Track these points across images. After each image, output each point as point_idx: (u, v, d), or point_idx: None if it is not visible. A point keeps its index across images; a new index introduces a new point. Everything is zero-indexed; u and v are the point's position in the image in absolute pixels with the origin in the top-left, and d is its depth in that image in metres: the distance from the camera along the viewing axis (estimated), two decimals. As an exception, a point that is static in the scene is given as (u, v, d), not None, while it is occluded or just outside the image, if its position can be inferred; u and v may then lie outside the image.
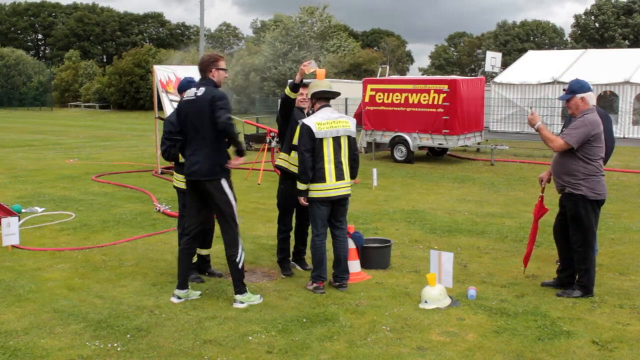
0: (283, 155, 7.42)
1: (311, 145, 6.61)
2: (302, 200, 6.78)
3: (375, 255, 7.57)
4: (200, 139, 6.19)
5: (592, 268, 6.55)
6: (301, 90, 7.65)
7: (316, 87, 6.85)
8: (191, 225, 6.47)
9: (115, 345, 5.34)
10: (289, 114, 7.27)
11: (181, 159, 6.89)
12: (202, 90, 6.28)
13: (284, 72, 53.22)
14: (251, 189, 13.74)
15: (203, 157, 6.19)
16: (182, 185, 7.06)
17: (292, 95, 7.07)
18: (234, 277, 6.35)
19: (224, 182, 6.28)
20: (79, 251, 8.32)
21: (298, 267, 7.68)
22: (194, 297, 6.50)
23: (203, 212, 6.50)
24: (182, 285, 6.46)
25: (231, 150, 6.43)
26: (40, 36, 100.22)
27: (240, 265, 6.33)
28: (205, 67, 6.43)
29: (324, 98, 6.85)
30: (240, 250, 6.33)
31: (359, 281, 7.03)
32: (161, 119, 16.29)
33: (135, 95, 61.73)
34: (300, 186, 6.71)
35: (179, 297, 6.42)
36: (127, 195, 12.76)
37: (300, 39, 56.24)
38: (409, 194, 13.13)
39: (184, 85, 7.16)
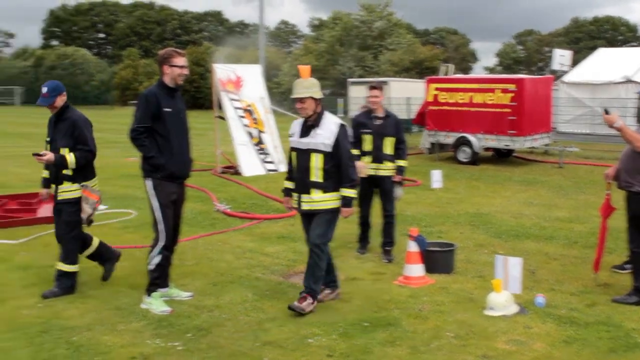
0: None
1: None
2: (350, 211, 6.17)
3: (438, 259, 7.38)
4: None
5: None
6: (373, 91, 7.72)
7: (316, 87, 6.15)
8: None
9: (176, 344, 5.33)
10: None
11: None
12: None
13: (344, 71, 53.12)
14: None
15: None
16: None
17: None
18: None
19: (148, 182, 6.16)
20: (140, 249, 8.37)
21: (384, 261, 7.89)
22: (179, 296, 6.45)
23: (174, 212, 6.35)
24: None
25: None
26: (101, 35, 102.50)
27: (150, 267, 6.16)
28: (159, 63, 6.14)
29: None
30: (153, 255, 6.16)
31: (422, 285, 6.87)
32: (221, 118, 16.45)
33: (195, 94, 62.40)
34: (354, 193, 6.19)
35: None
36: (187, 194, 12.75)
37: (359, 38, 56.03)
38: (474, 196, 12.86)
39: None
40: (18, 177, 15.51)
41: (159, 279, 6.21)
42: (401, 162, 8.11)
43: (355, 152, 8.00)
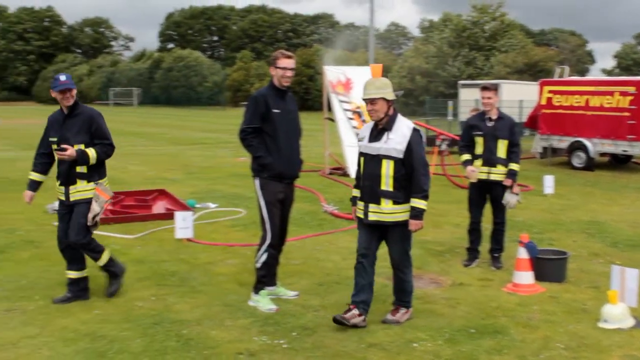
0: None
1: None
2: (419, 225, 5.68)
3: (550, 268, 7.12)
4: None
5: None
6: (485, 93, 7.62)
7: (388, 87, 5.85)
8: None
9: (282, 342, 5.40)
10: None
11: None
12: None
13: (453, 73, 52.27)
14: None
15: None
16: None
17: None
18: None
19: (256, 181, 6.35)
20: (249, 247, 8.54)
21: (492, 268, 7.71)
22: (285, 295, 6.54)
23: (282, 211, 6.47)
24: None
25: None
26: (215, 38, 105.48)
27: (257, 265, 6.25)
28: (269, 65, 6.38)
29: None
30: (260, 253, 6.23)
31: (531, 293, 6.65)
32: (331, 119, 16.56)
33: (304, 96, 63.14)
34: (425, 205, 5.67)
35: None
36: (296, 195, 12.94)
37: (471, 39, 54.98)
38: (588, 203, 12.33)
39: None
40: (135, 174, 16.26)
41: (265, 277, 6.32)
42: (513, 166, 7.73)
43: (466, 156, 7.86)
